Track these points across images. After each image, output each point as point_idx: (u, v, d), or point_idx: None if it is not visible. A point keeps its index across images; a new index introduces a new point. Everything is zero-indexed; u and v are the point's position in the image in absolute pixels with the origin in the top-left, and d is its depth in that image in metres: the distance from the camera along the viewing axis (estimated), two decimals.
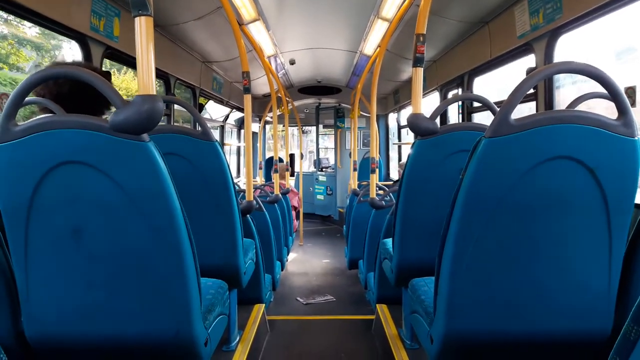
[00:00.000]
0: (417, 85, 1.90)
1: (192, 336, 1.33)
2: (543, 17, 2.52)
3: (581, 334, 1.36)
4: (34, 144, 1.16)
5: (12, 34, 7.95)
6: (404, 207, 2.04)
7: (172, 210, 1.21)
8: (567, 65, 1.24)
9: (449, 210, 1.32)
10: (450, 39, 3.94)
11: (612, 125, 1.19)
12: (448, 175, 1.81)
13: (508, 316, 1.35)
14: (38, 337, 1.31)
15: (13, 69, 8.20)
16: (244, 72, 2.70)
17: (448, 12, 3.27)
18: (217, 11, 3.34)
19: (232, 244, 2.12)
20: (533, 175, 1.22)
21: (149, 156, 1.17)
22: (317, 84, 7.28)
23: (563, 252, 1.29)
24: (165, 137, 1.94)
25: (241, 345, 2.45)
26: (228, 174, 2.03)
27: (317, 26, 4.34)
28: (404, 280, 2.10)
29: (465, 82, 3.94)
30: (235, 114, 6.82)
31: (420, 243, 2.03)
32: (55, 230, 1.22)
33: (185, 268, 1.26)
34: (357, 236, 4.18)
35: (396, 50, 4.54)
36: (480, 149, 1.23)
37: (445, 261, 1.34)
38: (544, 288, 1.31)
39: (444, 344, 1.41)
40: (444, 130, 1.91)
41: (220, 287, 1.75)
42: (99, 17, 2.59)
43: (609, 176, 1.21)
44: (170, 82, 3.97)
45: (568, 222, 1.26)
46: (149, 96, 1.13)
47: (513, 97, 1.21)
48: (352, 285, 4.58)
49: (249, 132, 2.82)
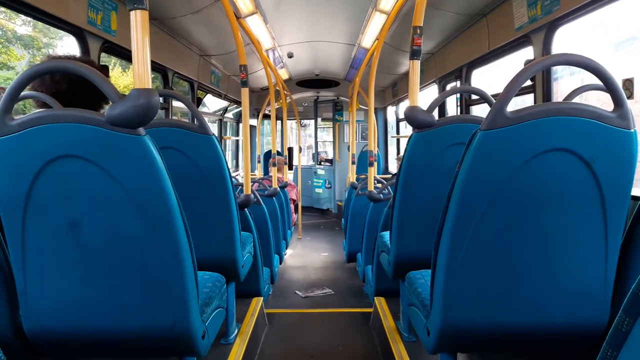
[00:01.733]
0: (414, 78, 1.90)
1: (190, 329, 1.34)
2: (541, 9, 2.51)
3: (577, 326, 1.36)
4: (30, 138, 1.16)
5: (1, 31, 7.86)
6: (401, 199, 2.04)
7: (169, 203, 1.22)
8: (564, 58, 1.24)
9: (445, 202, 1.32)
10: (448, 32, 3.92)
11: (608, 117, 1.19)
12: (445, 168, 1.81)
13: (504, 308, 1.35)
14: (35, 330, 1.32)
15: (3, 68, 8.11)
16: (242, 66, 2.70)
17: (446, 4, 3.26)
18: (215, 4, 3.32)
19: (230, 237, 2.13)
20: (529, 167, 1.22)
21: (145, 150, 1.17)
22: (315, 77, 7.27)
23: (559, 244, 1.29)
24: (162, 131, 1.94)
25: (239, 339, 2.46)
26: (225, 168, 2.03)
27: (315, 19, 4.32)
28: (402, 273, 2.10)
29: (464, 75, 3.93)
30: (234, 108, 6.81)
31: (418, 236, 2.04)
32: (52, 224, 1.22)
33: (182, 261, 1.27)
34: (355, 229, 4.19)
35: (394, 43, 4.52)
36: (476, 142, 1.22)
37: (442, 254, 1.35)
38: (540, 280, 1.32)
39: (440, 336, 1.42)
40: (441, 122, 1.90)
41: (217, 281, 1.76)
42: (97, 11, 2.57)
43: (605, 168, 1.21)
44: (168, 76, 3.96)
45: (564, 215, 1.26)
46: (144, 90, 1.13)
47: (509, 90, 1.21)
48: (350, 278, 4.59)
49: (246, 125, 2.82)
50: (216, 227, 2.11)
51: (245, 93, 2.76)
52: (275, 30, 4.44)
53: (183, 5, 3.33)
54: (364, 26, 4.19)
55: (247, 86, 2.75)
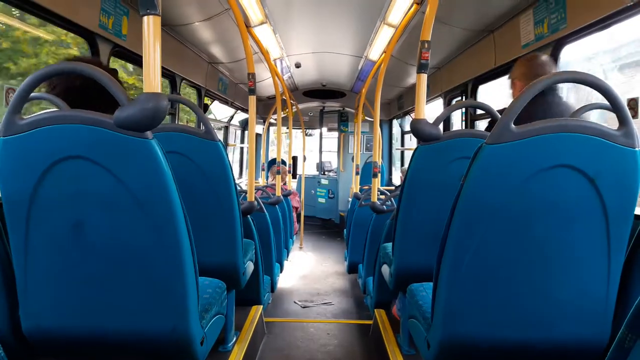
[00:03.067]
0: (420, 91, 1.91)
1: (188, 334, 1.33)
2: (548, 27, 2.53)
3: (578, 342, 1.35)
4: (38, 138, 1.17)
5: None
6: (404, 211, 2.04)
7: (173, 208, 1.22)
8: (570, 75, 1.25)
9: (449, 216, 1.32)
10: (455, 47, 3.94)
11: (613, 135, 1.20)
12: (449, 182, 1.81)
13: (505, 323, 1.34)
14: (34, 330, 1.32)
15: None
16: (250, 74, 2.72)
17: (454, 20, 3.28)
18: (225, 13, 3.36)
19: (232, 243, 2.13)
20: (533, 183, 1.22)
21: (151, 153, 1.17)
22: (321, 87, 7.30)
23: (561, 261, 1.28)
24: (168, 136, 1.96)
25: (238, 346, 2.45)
26: (230, 174, 2.04)
27: (324, 30, 4.36)
28: (403, 285, 2.10)
29: (469, 90, 3.95)
30: (240, 115, 6.84)
31: (420, 248, 2.03)
32: (56, 225, 1.23)
33: (184, 266, 1.27)
34: (357, 240, 4.18)
35: (401, 57, 4.55)
36: (480, 156, 1.23)
37: (444, 267, 1.34)
38: (542, 296, 1.31)
39: (440, 349, 1.41)
40: (446, 136, 1.91)
41: (218, 287, 1.75)
42: (108, 15, 2.61)
43: (609, 186, 1.21)
44: (176, 82, 3.99)
45: (567, 231, 1.26)
46: (153, 94, 1.14)
47: (515, 105, 1.22)
48: (350, 289, 4.57)
49: (252, 133, 2.83)
50: (219, 233, 2.11)
51: (252, 101, 2.78)
52: (284, 40, 4.48)
53: (194, 13, 3.37)
54: (371, 39, 4.22)
55: (254, 94, 2.77)
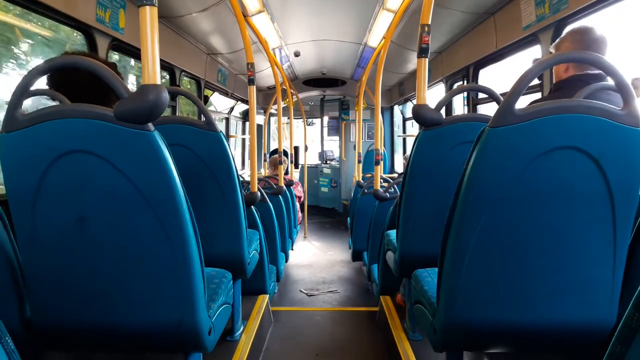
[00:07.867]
0: (421, 76, 1.89)
1: (196, 325, 1.34)
2: (549, 7, 2.50)
3: (584, 324, 1.35)
4: (39, 133, 1.17)
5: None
6: (407, 198, 2.04)
7: (177, 199, 1.22)
8: (572, 55, 1.23)
9: (452, 200, 1.32)
10: (455, 31, 3.91)
11: (617, 115, 1.18)
12: (452, 167, 1.80)
13: (511, 306, 1.35)
14: (43, 323, 1.33)
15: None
16: (249, 64, 2.70)
17: (453, 3, 3.24)
18: (222, 3, 3.33)
19: (237, 234, 2.13)
20: (537, 165, 1.21)
21: (153, 145, 1.17)
22: (321, 76, 7.26)
23: (566, 243, 1.28)
24: (169, 128, 1.95)
25: (245, 336, 2.47)
26: (232, 164, 2.03)
27: (322, 18, 4.32)
28: (408, 271, 2.10)
29: (471, 74, 3.92)
30: (240, 107, 6.82)
31: (424, 234, 2.03)
32: (61, 219, 1.23)
33: (190, 256, 1.27)
34: (361, 228, 4.19)
35: (401, 42, 4.51)
36: (483, 139, 1.22)
37: (449, 252, 1.34)
38: (547, 278, 1.31)
39: (446, 334, 1.41)
40: (448, 121, 1.89)
41: (224, 277, 1.76)
42: (105, 8, 2.59)
43: (613, 166, 1.20)
44: (175, 74, 3.98)
45: (572, 213, 1.26)
46: (153, 86, 1.13)
47: (517, 87, 1.20)
48: (355, 276, 4.59)
49: (253, 123, 2.82)
50: (223, 223, 2.11)
51: (252, 91, 2.77)
52: (282, 29, 4.44)
53: (191, 4, 3.34)
54: (371, 24, 4.19)
55: (254, 84, 2.76)
